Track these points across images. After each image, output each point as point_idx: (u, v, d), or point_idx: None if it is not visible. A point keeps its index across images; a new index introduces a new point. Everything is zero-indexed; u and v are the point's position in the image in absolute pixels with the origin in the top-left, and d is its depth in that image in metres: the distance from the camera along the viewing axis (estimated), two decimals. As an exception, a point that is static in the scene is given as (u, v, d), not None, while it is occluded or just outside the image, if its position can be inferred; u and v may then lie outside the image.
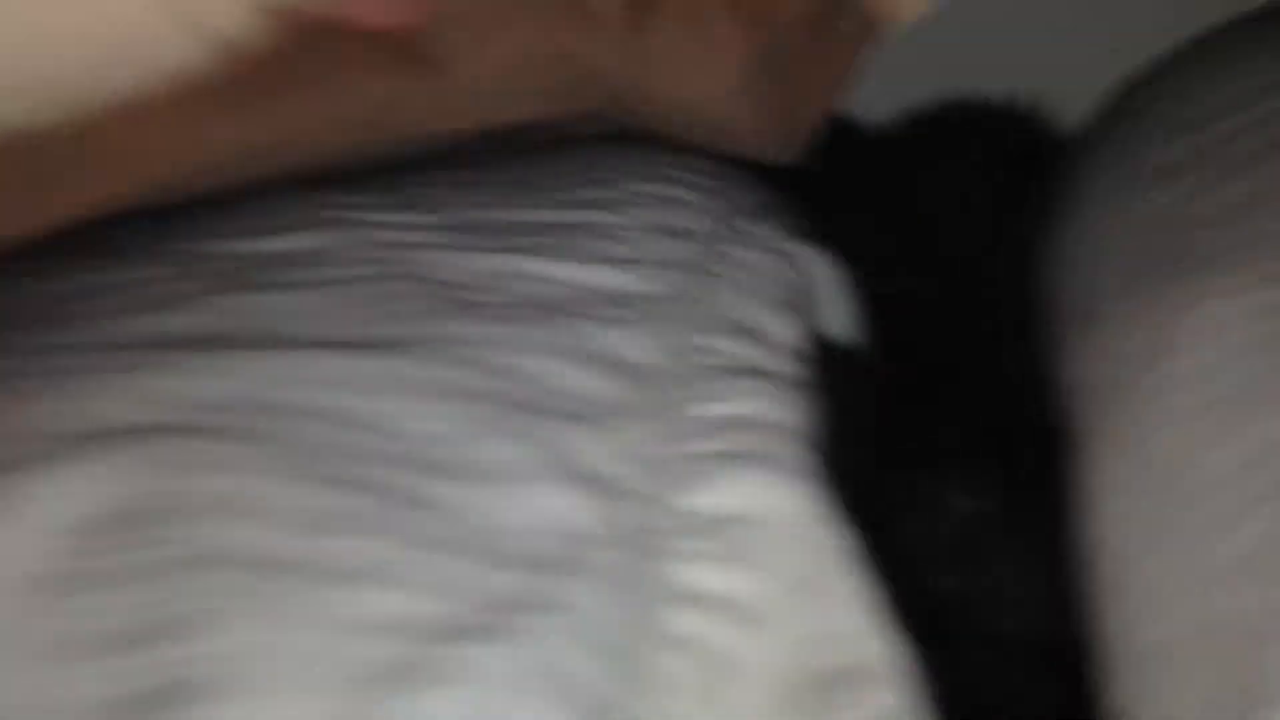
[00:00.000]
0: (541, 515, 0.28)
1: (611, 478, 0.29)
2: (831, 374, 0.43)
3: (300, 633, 0.23)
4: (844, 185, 0.60)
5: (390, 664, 0.23)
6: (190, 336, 0.33)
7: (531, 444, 0.29)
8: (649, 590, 0.27)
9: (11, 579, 0.25)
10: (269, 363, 0.32)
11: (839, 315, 0.49)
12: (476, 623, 0.24)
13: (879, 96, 0.64)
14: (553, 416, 0.31)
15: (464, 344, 0.33)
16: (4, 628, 0.24)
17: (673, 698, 0.26)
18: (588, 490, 0.29)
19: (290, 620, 0.23)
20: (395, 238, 0.39)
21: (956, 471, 0.44)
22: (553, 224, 0.42)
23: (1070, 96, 0.62)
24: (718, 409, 0.33)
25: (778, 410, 0.33)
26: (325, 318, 0.34)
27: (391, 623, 0.24)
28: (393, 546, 0.26)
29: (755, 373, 0.35)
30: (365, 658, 0.23)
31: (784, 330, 0.39)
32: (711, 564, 0.28)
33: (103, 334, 0.33)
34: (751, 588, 0.28)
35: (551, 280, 0.37)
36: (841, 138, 0.66)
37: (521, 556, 0.26)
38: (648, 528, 0.29)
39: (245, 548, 0.25)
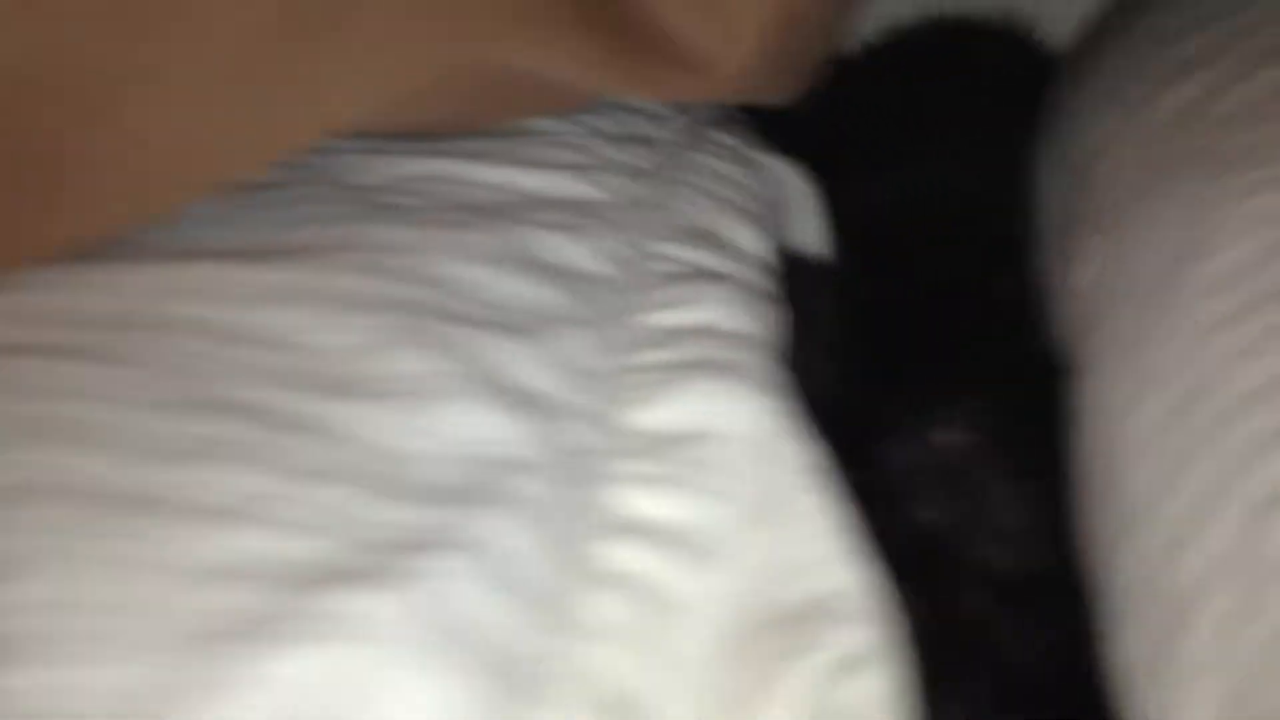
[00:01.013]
0: (455, 437, 0.23)
1: (544, 393, 0.25)
2: (801, 289, 0.39)
3: (133, 579, 0.19)
4: (827, 100, 0.56)
5: (239, 615, 0.19)
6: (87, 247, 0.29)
7: (450, 357, 0.25)
8: (581, 522, 0.23)
9: None
10: (156, 274, 0.28)
11: (812, 231, 0.44)
12: (358, 565, 0.20)
13: (864, 12, 0.59)
14: (478, 327, 0.26)
15: (379, 250, 0.29)
16: None
17: (604, 644, 0.22)
18: (514, 408, 0.24)
19: (123, 564, 0.19)
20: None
21: (943, 401, 0.40)
22: (491, 130, 0.38)
23: (1057, 17, 0.58)
24: (672, 317, 0.29)
25: (740, 319, 0.29)
26: (227, 225, 0.30)
27: (247, 567, 0.20)
28: (265, 478, 0.21)
29: (717, 280, 0.31)
30: (209, 609, 0.19)
31: (750, 240, 0.35)
32: (656, 489, 0.24)
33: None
34: (703, 514, 0.24)
35: (486, 184, 0.33)
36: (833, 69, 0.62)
37: (425, 486, 0.22)
38: (583, 449, 0.25)
39: (84, 479, 0.21)
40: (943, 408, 0.38)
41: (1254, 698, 0.24)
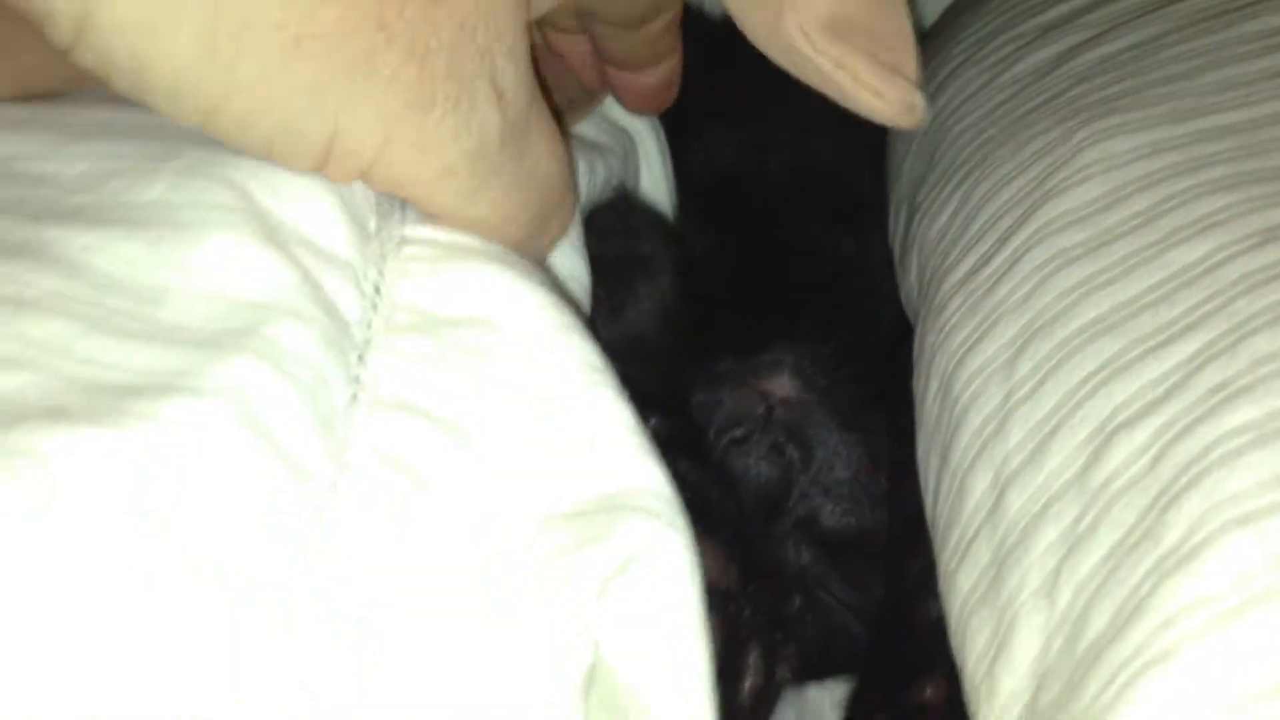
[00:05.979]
0: (213, 275, 0.20)
1: (320, 242, 0.21)
2: (631, 230, 0.36)
3: None
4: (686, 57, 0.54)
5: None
6: None
7: (221, 187, 0.21)
8: (343, 392, 0.20)
9: None
10: None
11: (658, 180, 0.42)
12: (75, 406, 0.17)
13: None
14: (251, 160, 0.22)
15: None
16: None
17: (363, 518, 0.18)
18: (285, 252, 0.21)
19: None
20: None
21: (775, 353, 0.38)
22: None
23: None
24: None
25: None
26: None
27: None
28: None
29: None
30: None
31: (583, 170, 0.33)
32: (429, 371, 0.21)
33: None
34: (477, 405, 0.21)
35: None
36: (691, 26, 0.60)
37: (172, 326, 0.19)
38: (351, 315, 0.21)
39: None
40: (773, 359, 0.37)
41: (1077, 630, 0.22)
